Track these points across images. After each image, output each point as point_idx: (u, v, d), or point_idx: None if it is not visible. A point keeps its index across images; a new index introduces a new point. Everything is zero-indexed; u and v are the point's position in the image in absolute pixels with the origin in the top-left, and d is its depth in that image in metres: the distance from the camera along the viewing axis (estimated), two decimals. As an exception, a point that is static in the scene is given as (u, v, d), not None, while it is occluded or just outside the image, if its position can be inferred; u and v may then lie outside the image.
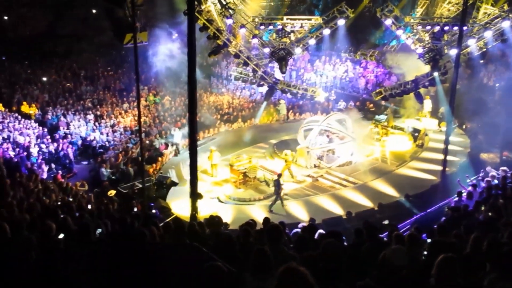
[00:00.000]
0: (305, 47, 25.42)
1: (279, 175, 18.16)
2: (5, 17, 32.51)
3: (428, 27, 24.32)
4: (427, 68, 24.18)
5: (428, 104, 26.72)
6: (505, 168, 15.18)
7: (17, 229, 6.81)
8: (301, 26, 25.00)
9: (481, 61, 25.20)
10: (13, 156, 18.03)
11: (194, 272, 4.13)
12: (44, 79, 28.69)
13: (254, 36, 24.00)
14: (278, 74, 26.98)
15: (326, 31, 24.38)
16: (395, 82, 28.22)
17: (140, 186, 18.28)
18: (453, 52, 20.90)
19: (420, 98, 25.58)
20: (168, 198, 18.61)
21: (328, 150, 21.97)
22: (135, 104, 23.29)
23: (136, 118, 22.67)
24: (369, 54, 28.91)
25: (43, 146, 20.67)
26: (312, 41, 24.77)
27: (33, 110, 24.76)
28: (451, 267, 4.60)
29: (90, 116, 25.22)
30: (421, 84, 24.42)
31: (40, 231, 6.96)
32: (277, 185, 17.67)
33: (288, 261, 3.36)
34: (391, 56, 29.70)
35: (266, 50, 24.45)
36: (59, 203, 13.47)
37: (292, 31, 24.86)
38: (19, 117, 23.27)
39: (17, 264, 5.62)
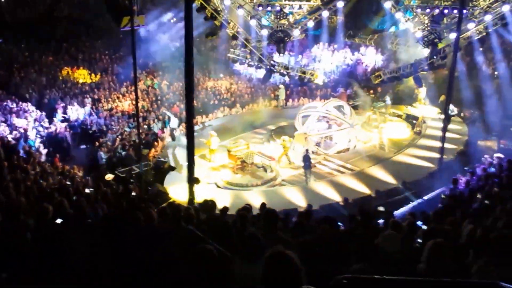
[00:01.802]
0: (303, 29, 25.16)
1: (307, 150, 18.88)
2: (3, 0, 32.14)
3: (428, 10, 24.15)
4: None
5: (423, 91, 26.71)
6: (499, 154, 15.23)
7: (14, 212, 6.80)
8: (300, 8, 24.71)
9: (480, 48, 25.13)
10: (10, 139, 18.00)
11: (187, 255, 4.15)
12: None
13: (252, 17, 23.71)
14: (277, 58, 26.75)
15: (325, 13, 24.11)
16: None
17: (138, 170, 18.31)
18: (452, 36, 20.82)
19: (419, 82, 25.53)
20: (165, 183, 18.62)
21: (326, 136, 21.97)
22: (133, 88, 23.18)
23: (133, 102, 22.57)
24: (368, 38, 28.68)
25: (40, 129, 20.61)
26: (310, 23, 24.49)
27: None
28: (441, 253, 4.61)
29: (88, 100, 25.11)
30: (420, 68, 24.33)
31: (37, 214, 6.97)
32: (307, 160, 18.36)
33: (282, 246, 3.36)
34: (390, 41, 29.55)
35: (264, 32, 24.20)
36: (56, 186, 13.48)
37: (291, 13, 24.58)
38: (17, 99, 23.15)
39: (13, 245, 5.63)
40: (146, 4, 28.42)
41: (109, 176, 17.62)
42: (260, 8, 24.46)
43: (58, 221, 7.04)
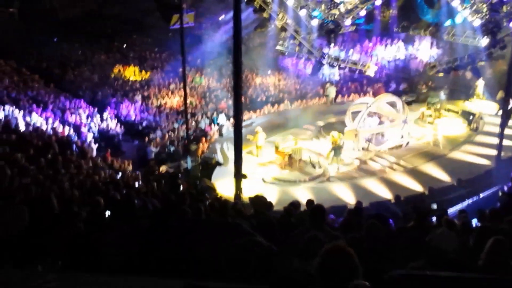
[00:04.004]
0: (355, 19, 24.44)
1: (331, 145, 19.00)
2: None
3: None
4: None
5: (481, 85, 25.55)
6: None
7: (67, 204, 7.00)
8: None
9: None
10: (64, 135, 18.62)
11: (233, 248, 4.08)
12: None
13: (302, 8, 23.27)
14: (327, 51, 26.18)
15: (378, 1, 23.34)
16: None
17: (186, 165, 18.55)
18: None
19: (477, 73, 24.46)
20: (213, 178, 18.73)
21: (377, 132, 21.44)
22: (182, 85, 23.51)
23: (182, 99, 22.90)
24: (423, 30, 27.71)
25: (92, 125, 21.22)
26: (363, 13, 23.76)
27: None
28: (503, 250, 4.36)
29: (138, 97, 25.66)
30: (478, 58, 23.28)
31: (89, 206, 7.14)
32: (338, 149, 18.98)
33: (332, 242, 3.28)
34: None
35: (314, 23, 23.68)
36: (107, 180, 13.81)
37: (342, 2, 23.95)
38: (70, 96, 23.94)
39: (67, 235, 5.76)
40: (195, 2, 28.72)
41: (163, 169, 18.04)
42: None
43: (107, 213, 7.18)
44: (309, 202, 10.36)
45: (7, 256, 5.25)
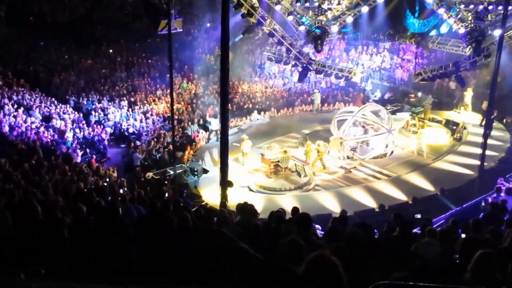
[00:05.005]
0: (342, 26, 24.61)
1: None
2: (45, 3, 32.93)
3: (472, 6, 23.28)
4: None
5: (469, 95, 25.85)
6: None
7: (51, 210, 6.93)
8: (339, 3, 24.16)
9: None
10: (49, 140, 18.44)
11: (219, 256, 4.08)
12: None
13: (290, 14, 23.32)
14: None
15: (365, 9, 23.51)
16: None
17: (172, 172, 18.47)
18: (497, 33, 20.06)
19: (462, 82, 24.72)
20: (199, 186, 18.68)
21: (362, 141, 21.60)
22: (169, 91, 23.44)
23: (169, 105, 22.82)
24: (408, 38, 28.02)
25: (78, 130, 21.05)
26: (349, 19, 23.94)
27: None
28: (489, 263, 4.43)
29: (124, 103, 25.52)
30: (462, 67, 23.52)
31: (72, 212, 7.07)
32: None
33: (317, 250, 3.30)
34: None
35: (302, 29, 23.75)
36: (92, 186, 13.69)
37: (329, 9, 24.08)
38: (56, 101, 23.73)
39: (51, 242, 5.72)
40: (183, 8, 28.70)
41: (149, 175, 17.94)
42: (298, 4, 23.91)
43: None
44: (295, 210, 10.37)
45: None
